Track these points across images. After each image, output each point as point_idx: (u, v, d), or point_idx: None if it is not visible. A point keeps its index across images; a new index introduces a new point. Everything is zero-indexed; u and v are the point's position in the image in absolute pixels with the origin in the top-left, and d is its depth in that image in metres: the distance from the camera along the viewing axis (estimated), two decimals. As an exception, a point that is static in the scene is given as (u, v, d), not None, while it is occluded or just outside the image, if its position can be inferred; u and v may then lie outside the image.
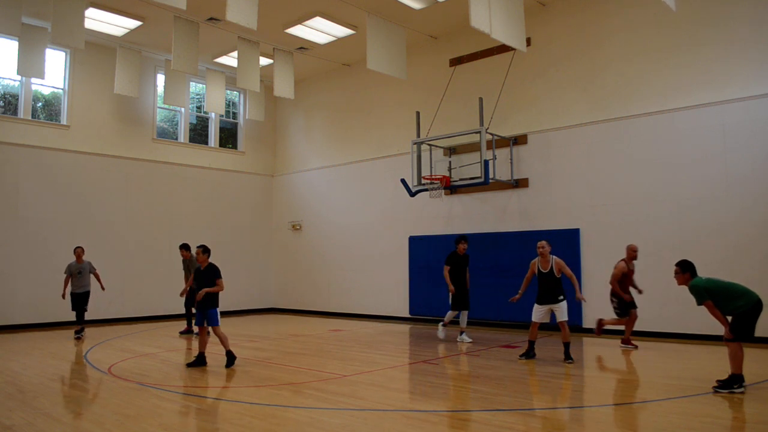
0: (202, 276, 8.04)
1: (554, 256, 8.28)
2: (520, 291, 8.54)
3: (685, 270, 6.32)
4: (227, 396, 6.51)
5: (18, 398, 6.14)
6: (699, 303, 6.16)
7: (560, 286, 8.20)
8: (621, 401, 5.72)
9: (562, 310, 8.14)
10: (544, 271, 8.24)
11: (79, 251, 11.15)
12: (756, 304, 6.01)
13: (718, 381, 6.12)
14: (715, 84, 10.01)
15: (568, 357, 8.00)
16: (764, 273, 8.98)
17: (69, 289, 11.02)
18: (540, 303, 8.23)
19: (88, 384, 6.95)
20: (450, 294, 10.25)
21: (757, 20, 9.66)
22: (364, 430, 4.93)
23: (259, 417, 5.39)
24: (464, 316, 10.40)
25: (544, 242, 8.34)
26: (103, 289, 11.32)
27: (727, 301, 6.07)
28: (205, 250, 8.09)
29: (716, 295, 6.07)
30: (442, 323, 10.59)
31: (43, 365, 8.22)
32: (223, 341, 7.99)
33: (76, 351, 9.55)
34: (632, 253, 9.08)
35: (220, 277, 7.98)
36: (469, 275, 10.56)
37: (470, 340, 10.22)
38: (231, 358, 7.90)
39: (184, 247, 11.55)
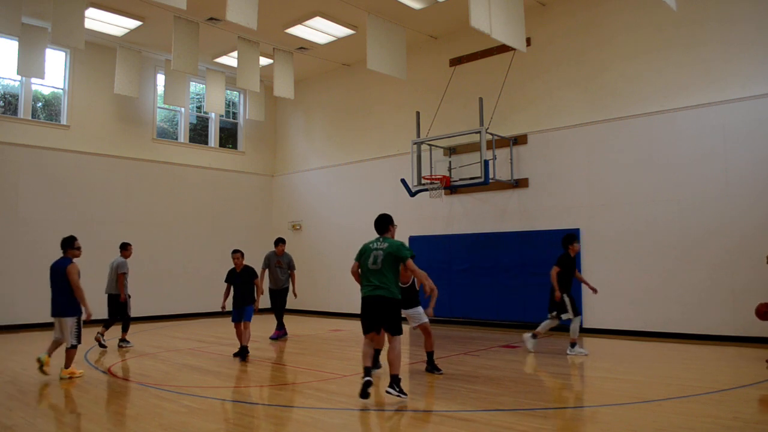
0: (237, 277, 8.81)
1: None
2: None
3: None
4: (227, 396, 6.51)
5: (18, 398, 6.14)
6: (409, 256, 6.00)
7: (417, 296, 7.37)
8: (621, 401, 5.72)
9: (413, 317, 7.37)
10: (404, 284, 7.13)
11: (131, 249, 10.95)
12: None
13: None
14: (715, 84, 10.01)
15: (433, 368, 7.28)
16: (764, 273, 8.97)
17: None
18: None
19: (88, 384, 6.95)
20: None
21: (757, 20, 9.66)
22: (364, 430, 4.92)
23: (259, 417, 5.40)
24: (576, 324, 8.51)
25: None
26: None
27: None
28: (243, 254, 9.07)
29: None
30: (533, 334, 8.79)
31: (43, 365, 8.21)
32: (246, 336, 8.64)
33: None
34: None
35: (256, 276, 8.92)
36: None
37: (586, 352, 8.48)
38: (244, 352, 8.54)
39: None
